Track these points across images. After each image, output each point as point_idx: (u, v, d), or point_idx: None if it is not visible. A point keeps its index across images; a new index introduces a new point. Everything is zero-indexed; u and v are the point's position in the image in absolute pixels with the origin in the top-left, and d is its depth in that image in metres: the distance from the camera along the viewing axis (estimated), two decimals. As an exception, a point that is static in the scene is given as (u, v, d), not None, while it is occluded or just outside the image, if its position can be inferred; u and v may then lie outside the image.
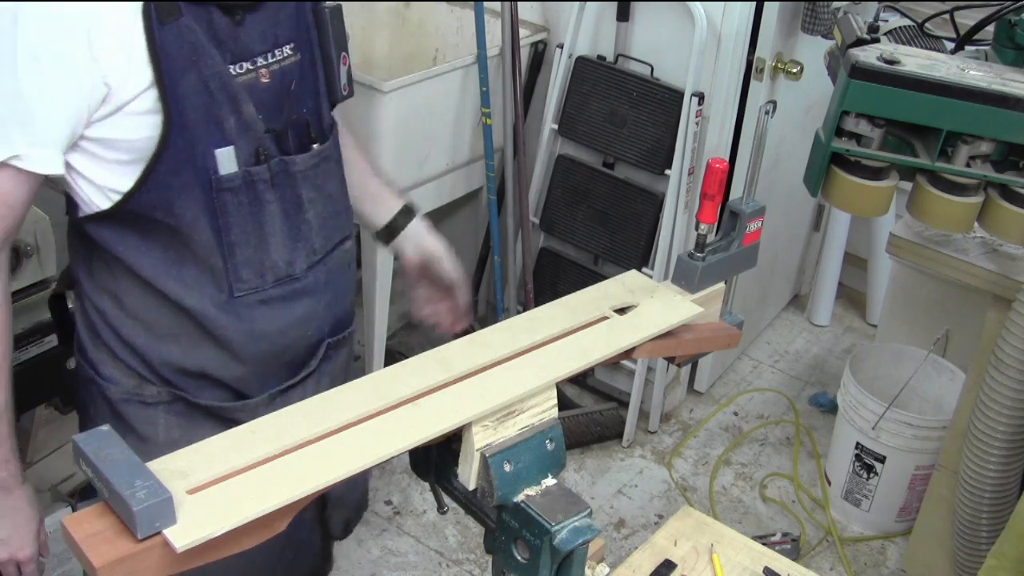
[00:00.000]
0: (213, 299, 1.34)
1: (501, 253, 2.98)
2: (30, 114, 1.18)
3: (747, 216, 1.39)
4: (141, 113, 1.21)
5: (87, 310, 1.40)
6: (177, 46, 1.20)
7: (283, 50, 1.31)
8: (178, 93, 1.21)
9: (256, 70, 1.28)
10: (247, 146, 1.28)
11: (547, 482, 1.12)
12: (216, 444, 1.00)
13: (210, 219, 1.29)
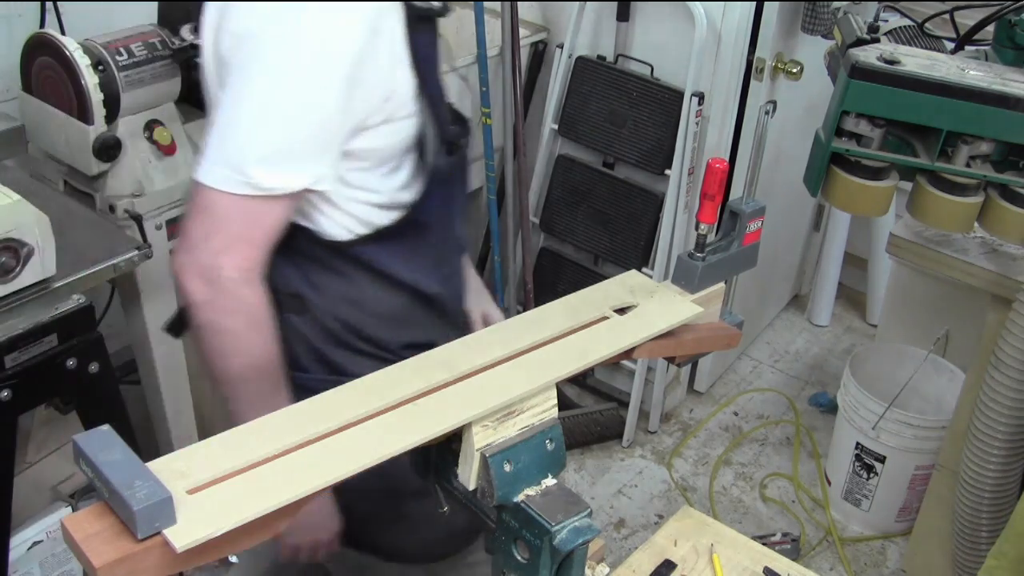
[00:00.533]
0: (438, 277, 1.45)
1: (501, 253, 2.99)
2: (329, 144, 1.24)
3: (747, 216, 1.39)
4: (395, 122, 1.28)
5: (323, 322, 1.41)
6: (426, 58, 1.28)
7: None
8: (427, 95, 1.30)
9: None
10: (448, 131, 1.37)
11: (547, 482, 1.12)
12: (216, 444, 1.00)
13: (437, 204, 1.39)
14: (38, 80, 1.95)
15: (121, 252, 1.78)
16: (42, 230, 1.60)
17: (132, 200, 1.98)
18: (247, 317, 1.30)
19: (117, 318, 2.27)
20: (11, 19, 2.20)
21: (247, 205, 1.21)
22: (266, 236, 1.27)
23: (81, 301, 1.69)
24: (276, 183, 1.21)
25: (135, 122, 1.99)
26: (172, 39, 1.99)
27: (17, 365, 1.63)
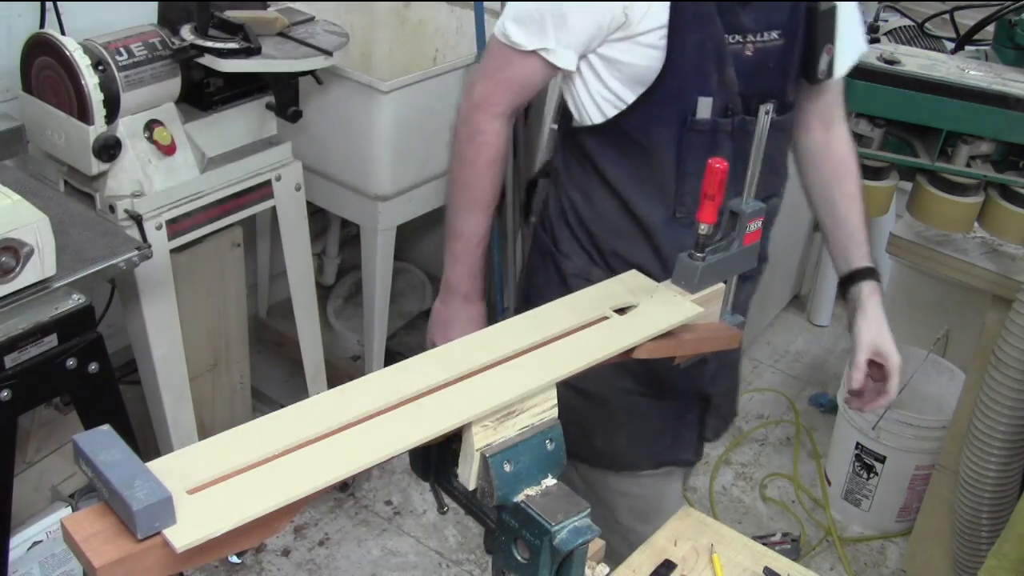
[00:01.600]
0: (660, 215, 1.59)
1: (501, 253, 2.98)
2: (564, 19, 1.48)
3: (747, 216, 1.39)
4: (647, 46, 1.48)
5: (560, 198, 1.70)
6: (692, 6, 1.46)
7: (771, 34, 1.54)
8: (682, 41, 1.47)
9: (744, 43, 1.52)
10: (721, 100, 1.52)
11: (547, 482, 1.12)
12: (216, 444, 1.00)
13: (676, 150, 1.54)
14: (38, 80, 1.95)
15: (121, 252, 1.77)
16: (42, 230, 1.60)
17: (132, 200, 1.98)
18: (477, 148, 1.58)
19: (117, 318, 2.27)
20: (11, 19, 2.20)
21: (502, 51, 1.54)
22: (509, 82, 1.57)
23: (81, 301, 1.69)
24: (516, 39, 1.51)
25: (135, 122, 1.99)
26: (172, 39, 1.99)
27: (17, 365, 1.63)
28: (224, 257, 2.38)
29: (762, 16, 1.53)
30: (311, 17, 2.20)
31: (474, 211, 1.63)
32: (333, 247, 3.28)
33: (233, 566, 2.52)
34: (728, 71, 1.51)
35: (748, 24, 1.52)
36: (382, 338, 2.79)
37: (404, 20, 3.12)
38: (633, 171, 1.59)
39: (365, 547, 2.61)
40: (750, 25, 1.52)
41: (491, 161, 1.60)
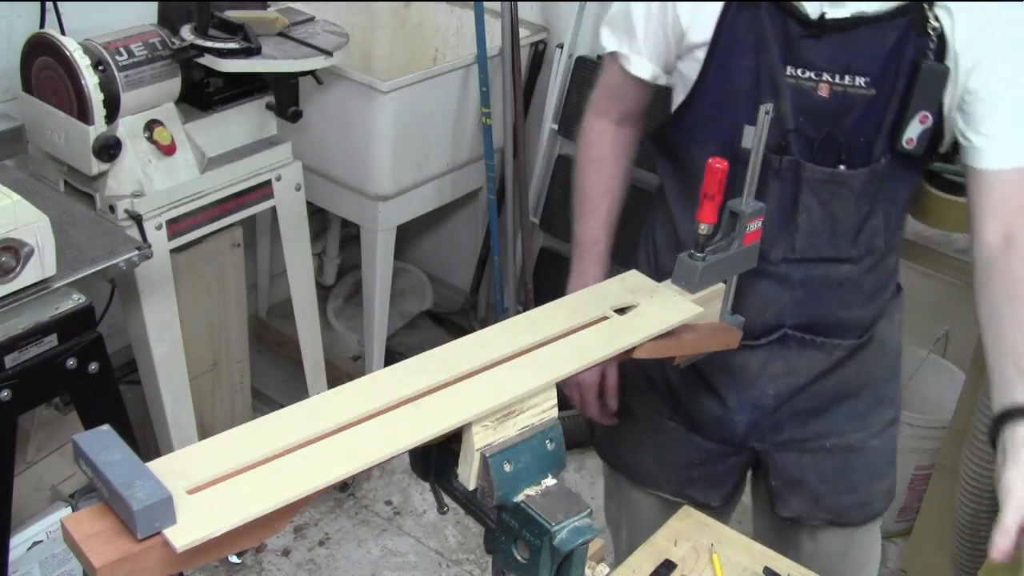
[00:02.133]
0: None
1: (501, 253, 2.99)
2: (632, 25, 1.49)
3: (747, 216, 1.39)
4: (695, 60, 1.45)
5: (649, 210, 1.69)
6: (744, 28, 1.39)
7: (856, 79, 1.38)
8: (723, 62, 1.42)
9: (815, 81, 1.39)
10: (772, 135, 1.39)
11: (547, 482, 1.12)
12: (216, 444, 1.00)
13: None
14: (38, 80, 1.95)
15: (121, 252, 1.77)
16: (42, 230, 1.60)
17: (132, 200, 1.98)
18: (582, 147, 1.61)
19: (117, 318, 2.27)
20: (11, 19, 2.20)
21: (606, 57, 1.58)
22: (606, 85, 1.61)
23: (81, 301, 1.69)
24: (603, 40, 1.55)
25: (135, 122, 1.99)
26: (172, 39, 1.99)
27: (17, 365, 1.63)
28: (224, 257, 2.38)
29: (840, 57, 1.37)
30: (311, 17, 2.20)
31: (583, 214, 1.62)
32: (333, 247, 3.28)
33: (233, 566, 2.52)
34: (782, 104, 1.40)
35: (820, 61, 1.38)
36: (382, 338, 2.79)
37: (404, 20, 3.12)
38: (679, 189, 1.57)
39: (365, 547, 2.61)
40: (822, 63, 1.38)
41: (592, 160, 1.60)
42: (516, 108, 2.78)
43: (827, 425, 1.58)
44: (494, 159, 2.82)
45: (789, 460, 1.61)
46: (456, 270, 3.41)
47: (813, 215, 1.45)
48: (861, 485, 1.63)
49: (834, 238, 1.46)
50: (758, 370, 1.55)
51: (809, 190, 1.43)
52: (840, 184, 1.42)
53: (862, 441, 1.61)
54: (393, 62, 3.15)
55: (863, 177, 1.42)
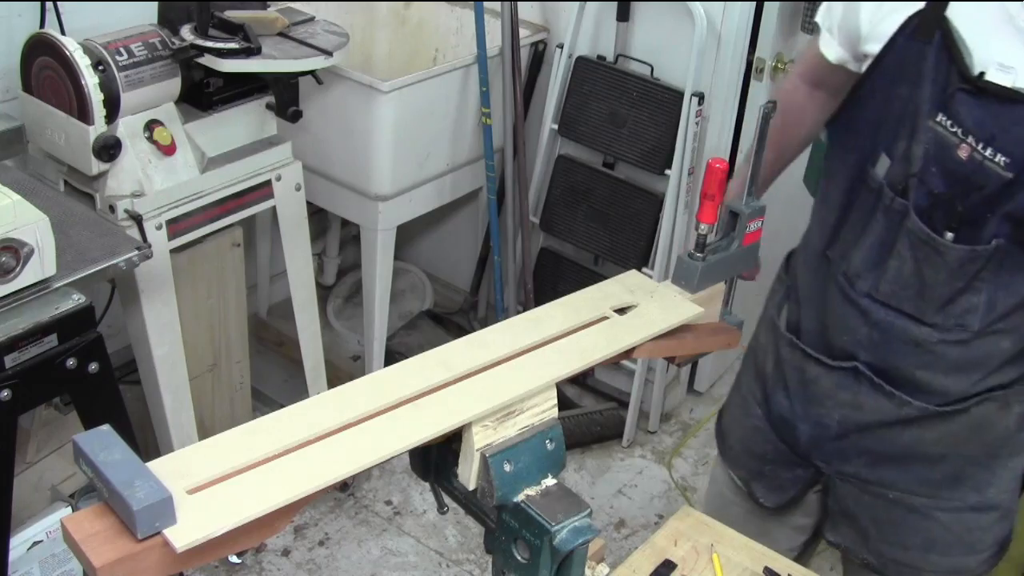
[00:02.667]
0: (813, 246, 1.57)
1: (501, 253, 2.98)
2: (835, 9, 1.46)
3: (747, 216, 1.39)
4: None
5: None
6: (911, 57, 1.33)
7: (996, 155, 1.29)
8: (883, 85, 1.37)
9: (958, 139, 1.30)
10: (897, 171, 1.37)
11: (547, 482, 1.12)
12: (216, 444, 1.00)
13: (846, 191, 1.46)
14: (38, 80, 1.95)
15: (121, 252, 1.77)
16: (42, 230, 1.60)
17: (132, 200, 1.98)
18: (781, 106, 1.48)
19: (117, 318, 2.27)
20: (11, 19, 2.20)
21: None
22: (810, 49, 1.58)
23: (81, 301, 1.69)
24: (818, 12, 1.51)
25: (135, 122, 1.99)
26: (172, 39, 1.99)
27: (17, 365, 1.63)
28: (224, 257, 2.37)
29: (988, 125, 1.28)
30: (311, 17, 2.20)
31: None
32: (333, 247, 3.28)
33: (233, 566, 2.52)
34: (915, 147, 1.33)
35: (968, 121, 1.29)
36: (382, 338, 2.79)
37: (404, 20, 3.12)
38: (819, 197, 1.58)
39: (365, 547, 2.61)
40: (970, 123, 1.29)
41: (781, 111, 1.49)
42: (516, 108, 2.78)
43: (895, 477, 1.53)
44: (494, 159, 2.82)
45: (849, 492, 1.59)
46: (456, 270, 3.41)
47: (904, 267, 1.39)
48: (914, 548, 1.57)
49: (919, 300, 1.40)
50: (827, 391, 1.54)
51: (907, 241, 1.38)
52: (936, 252, 1.35)
53: (928, 508, 1.54)
54: (393, 62, 3.15)
55: (961, 255, 1.34)
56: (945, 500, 1.53)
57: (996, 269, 1.35)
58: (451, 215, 3.29)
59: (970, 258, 1.34)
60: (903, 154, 1.35)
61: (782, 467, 1.66)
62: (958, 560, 1.57)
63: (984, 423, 1.47)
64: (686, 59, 2.62)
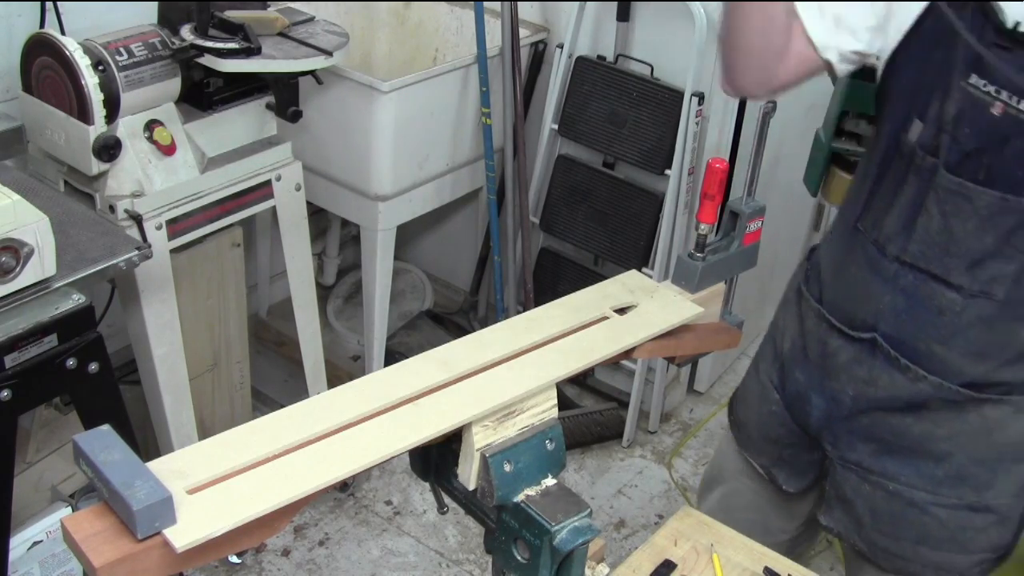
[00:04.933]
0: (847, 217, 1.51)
1: (501, 253, 2.99)
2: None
3: (747, 216, 1.39)
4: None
5: None
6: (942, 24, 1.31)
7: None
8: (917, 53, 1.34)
9: (992, 97, 1.29)
10: (929, 133, 1.35)
11: (547, 482, 1.12)
12: (216, 444, 1.00)
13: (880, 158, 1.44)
14: (38, 80, 1.95)
15: (121, 252, 1.77)
16: (42, 230, 1.60)
17: (132, 200, 1.98)
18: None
19: (117, 318, 2.27)
20: (11, 19, 2.20)
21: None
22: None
23: (81, 301, 1.69)
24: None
25: (135, 122, 1.99)
26: (172, 39, 1.99)
27: (17, 365, 1.63)
28: (224, 257, 2.38)
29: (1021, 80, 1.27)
30: (311, 17, 2.20)
31: None
32: (333, 247, 3.28)
33: (233, 566, 2.52)
34: (947, 108, 1.33)
35: (1002, 76, 1.28)
36: (382, 338, 2.79)
37: (404, 20, 3.12)
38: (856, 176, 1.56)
39: (365, 547, 2.61)
40: (1004, 79, 1.28)
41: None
42: (516, 108, 2.78)
43: (898, 469, 1.53)
44: (494, 159, 2.82)
45: (849, 480, 1.59)
46: (456, 270, 3.41)
47: (932, 223, 1.38)
48: (906, 540, 1.57)
49: (946, 256, 1.39)
50: (844, 364, 1.53)
51: (934, 195, 1.37)
52: (964, 199, 1.34)
53: (925, 503, 1.53)
54: (393, 62, 3.15)
55: (991, 201, 1.32)
56: (945, 498, 1.53)
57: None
58: (451, 215, 3.29)
59: (1000, 208, 1.32)
60: (936, 116, 1.34)
61: (801, 450, 1.66)
62: (947, 557, 1.58)
63: (996, 426, 1.47)
64: (686, 59, 2.62)
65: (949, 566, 1.58)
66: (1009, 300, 1.37)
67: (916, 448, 1.51)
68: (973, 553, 1.56)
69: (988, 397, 1.45)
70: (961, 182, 1.33)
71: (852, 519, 1.61)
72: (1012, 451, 1.50)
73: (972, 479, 1.51)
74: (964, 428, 1.47)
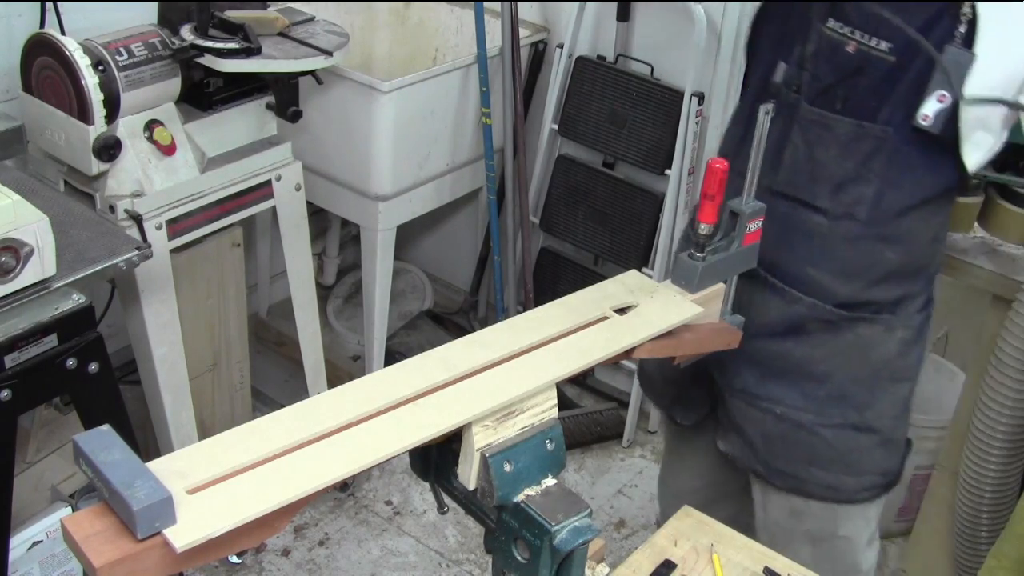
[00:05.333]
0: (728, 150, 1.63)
1: (501, 253, 2.99)
2: None
3: (747, 216, 1.39)
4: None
5: None
6: None
7: (879, 43, 1.42)
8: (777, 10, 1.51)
9: (847, 38, 1.44)
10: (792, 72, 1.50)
11: (547, 482, 1.13)
12: (216, 444, 1.00)
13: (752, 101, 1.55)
14: (38, 80, 1.95)
15: (121, 252, 1.77)
16: (42, 230, 1.60)
17: (132, 200, 1.98)
18: None
19: (117, 318, 2.27)
20: (11, 19, 2.20)
21: None
22: None
23: (81, 301, 1.69)
24: None
25: (135, 122, 1.99)
26: (172, 39, 1.99)
27: (17, 365, 1.63)
28: (224, 257, 2.38)
29: (870, 19, 1.42)
30: (311, 17, 2.20)
31: None
32: (333, 247, 3.28)
33: (233, 566, 2.52)
34: (807, 49, 1.47)
35: (855, 19, 1.43)
36: (382, 338, 2.79)
37: (404, 20, 3.12)
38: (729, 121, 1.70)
39: (365, 547, 2.61)
40: (856, 20, 1.43)
41: None
42: (516, 108, 2.78)
43: (782, 393, 1.61)
44: (494, 159, 2.82)
45: (738, 408, 1.68)
46: (456, 270, 3.41)
47: (798, 152, 1.51)
48: (798, 463, 1.67)
49: (812, 183, 1.50)
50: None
51: (799, 128, 1.50)
52: (825, 128, 1.47)
53: (812, 424, 1.63)
54: (393, 62, 3.15)
55: (848, 129, 1.45)
56: (828, 417, 1.62)
57: (886, 162, 1.45)
58: (451, 215, 3.29)
59: (857, 135, 1.45)
60: (798, 57, 1.48)
61: (693, 385, 1.76)
62: (838, 477, 1.67)
63: (869, 344, 1.58)
64: (686, 59, 2.62)
65: (840, 486, 1.67)
66: (870, 220, 1.49)
67: (798, 371, 1.60)
68: (862, 475, 1.67)
69: (860, 316, 1.56)
70: (821, 112, 1.46)
71: (746, 444, 1.71)
72: (888, 371, 1.62)
73: (852, 398, 1.62)
74: (841, 347, 1.58)
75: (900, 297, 1.57)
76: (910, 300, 1.59)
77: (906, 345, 1.60)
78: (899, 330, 1.59)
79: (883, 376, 1.61)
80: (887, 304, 1.57)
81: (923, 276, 1.59)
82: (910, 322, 1.60)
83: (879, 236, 1.51)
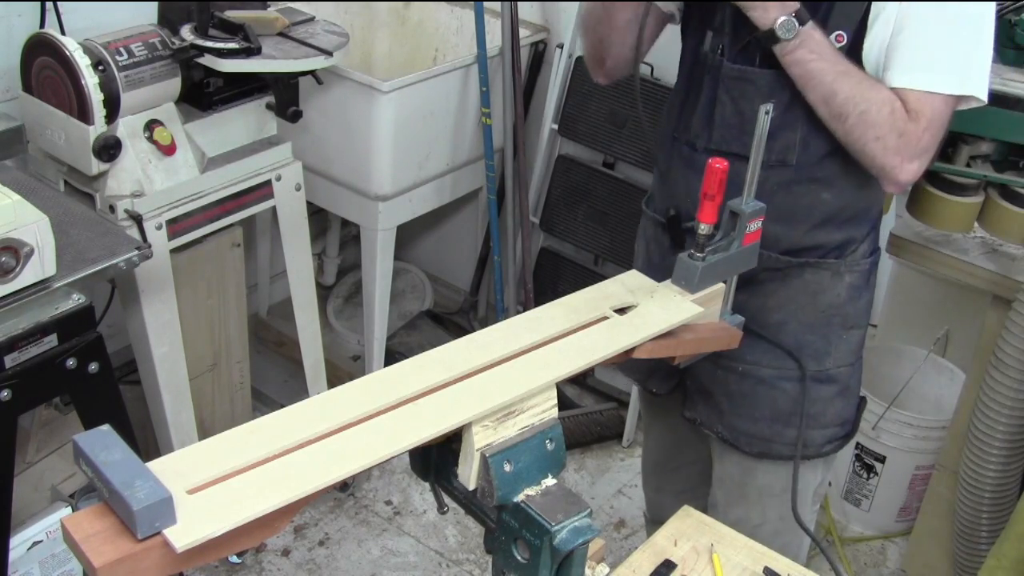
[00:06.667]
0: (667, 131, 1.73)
1: (501, 253, 2.99)
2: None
3: (747, 216, 1.39)
4: None
5: None
6: None
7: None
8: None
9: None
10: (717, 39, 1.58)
11: (547, 482, 1.12)
12: (216, 444, 1.00)
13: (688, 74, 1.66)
14: (38, 80, 1.95)
15: (121, 252, 1.77)
16: (42, 230, 1.59)
17: (132, 200, 1.98)
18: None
19: (117, 318, 2.27)
20: (11, 19, 2.20)
21: None
22: None
23: (81, 301, 1.69)
24: None
25: (135, 122, 1.99)
26: (172, 39, 1.99)
27: (17, 365, 1.63)
28: (224, 257, 2.38)
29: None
30: (311, 17, 2.20)
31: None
32: (333, 247, 3.28)
33: (233, 566, 2.52)
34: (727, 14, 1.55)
35: None
36: (382, 338, 2.79)
37: (404, 20, 3.12)
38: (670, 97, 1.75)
39: (365, 547, 2.61)
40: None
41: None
42: (516, 108, 2.78)
43: (743, 350, 1.63)
44: (494, 159, 2.82)
45: (703, 369, 1.72)
46: (456, 270, 3.41)
47: (726, 110, 1.58)
48: (763, 420, 1.71)
49: (743, 135, 1.55)
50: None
51: (724, 86, 1.57)
52: (747, 82, 1.55)
53: (774, 379, 1.68)
54: (393, 62, 3.15)
55: (768, 78, 1.53)
56: (788, 370, 1.67)
57: (805, 106, 1.52)
58: (451, 215, 3.29)
59: (777, 84, 1.53)
60: (720, 23, 1.57)
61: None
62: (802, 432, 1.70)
63: (818, 289, 1.65)
64: (686, 59, 2.62)
65: (807, 441, 1.71)
66: (800, 164, 1.57)
67: (754, 323, 1.64)
68: (825, 428, 1.73)
69: (806, 261, 1.62)
70: (742, 68, 1.55)
71: (712, 408, 1.75)
72: (839, 318, 1.68)
73: (809, 347, 1.68)
74: (791, 295, 1.65)
75: (843, 241, 1.64)
76: (854, 244, 1.65)
77: (855, 290, 1.67)
78: (846, 275, 1.65)
79: (835, 323, 1.67)
80: (832, 248, 1.63)
81: (865, 222, 1.65)
82: (856, 267, 1.66)
83: (811, 178, 1.58)
